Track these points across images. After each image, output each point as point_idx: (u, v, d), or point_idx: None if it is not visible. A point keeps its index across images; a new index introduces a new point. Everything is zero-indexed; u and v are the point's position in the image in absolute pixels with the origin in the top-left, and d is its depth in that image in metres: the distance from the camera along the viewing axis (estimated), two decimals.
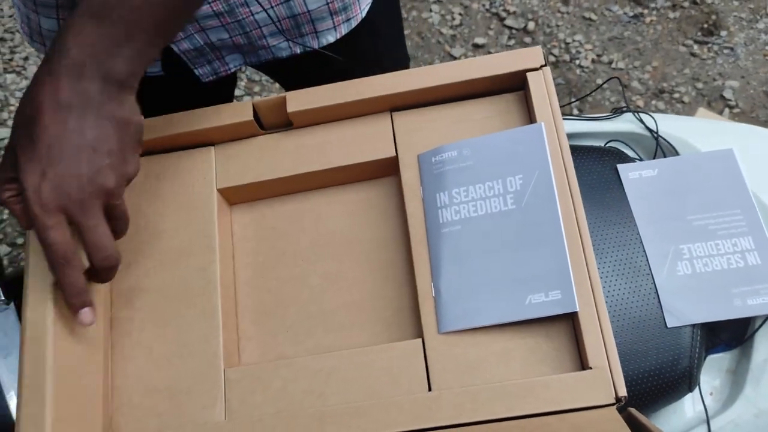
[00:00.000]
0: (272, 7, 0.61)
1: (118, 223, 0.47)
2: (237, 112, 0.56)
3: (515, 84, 0.57)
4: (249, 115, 0.56)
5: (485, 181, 0.53)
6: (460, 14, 1.77)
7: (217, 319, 0.53)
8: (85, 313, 0.47)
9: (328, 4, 0.64)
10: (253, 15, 0.62)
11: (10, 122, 1.56)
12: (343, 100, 0.56)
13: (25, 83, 1.61)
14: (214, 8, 0.60)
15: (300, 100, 0.57)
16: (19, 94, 1.60)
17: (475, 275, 0.51)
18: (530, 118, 0.57)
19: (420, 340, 0.52)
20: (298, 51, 0.67)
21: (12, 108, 1.58)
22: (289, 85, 0.76)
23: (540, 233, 0.51)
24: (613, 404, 0.47)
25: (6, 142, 1.51)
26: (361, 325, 0.55)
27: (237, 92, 1.68)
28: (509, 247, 0.51)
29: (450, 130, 0.57)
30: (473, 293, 0.51)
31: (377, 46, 0.73)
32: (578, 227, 0.51)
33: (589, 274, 0.50)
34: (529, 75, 0.55)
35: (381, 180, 0.60)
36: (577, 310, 0.50)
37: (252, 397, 0.50)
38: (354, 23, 0.67)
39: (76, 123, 0.42)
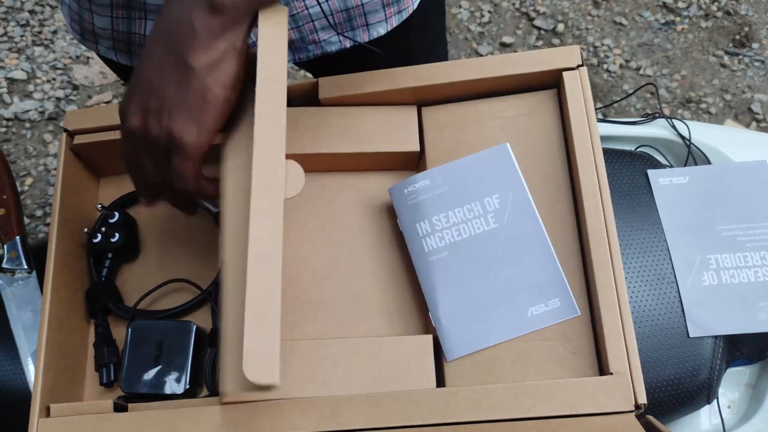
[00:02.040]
0: (327, 0, 0.61)
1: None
2: None
3: (548, 82, 0.57)
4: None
5: (464, 205, 0.53)
6: (489, 12, 1.76)
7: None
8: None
9: None
10: (307, 9, 0.61)
11: (36, 94, 1.57)
12: (374, 89, 0.56)
13: (52, 56, 1.62)
14: None
15: (332, 86, 0.56)
16: (46, 68, 1.61)
17: (471, 298, 0.51)
18: (563, 116, 0.56)
19: (431, 336, 0.51)
20: (348, 45, 0.66)
21: (39, 81, 1.59)
22: None
23: (527, 247, 0.52)
24: (632, 411, 0.47)
25: (31, 114, 1.52)
26: (362, 315, 0.55)
27: None
28: (500, 264, 0.51)
29: (480, 127, 0.57)
30: (474, 316, 0.51)
31: (425, 41, 0.72)
32: (607, 232, 0.51)
33: (615, 279, 0.49)
34: (565, 74, 0.55)
35: (400, 173, 0.59)
36: (578, 314, 0.50)
37: None
38: (405, 15, 0.67)
39: (151, 50, 0.41)
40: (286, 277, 0.55)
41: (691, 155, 0.72)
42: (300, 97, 0.58)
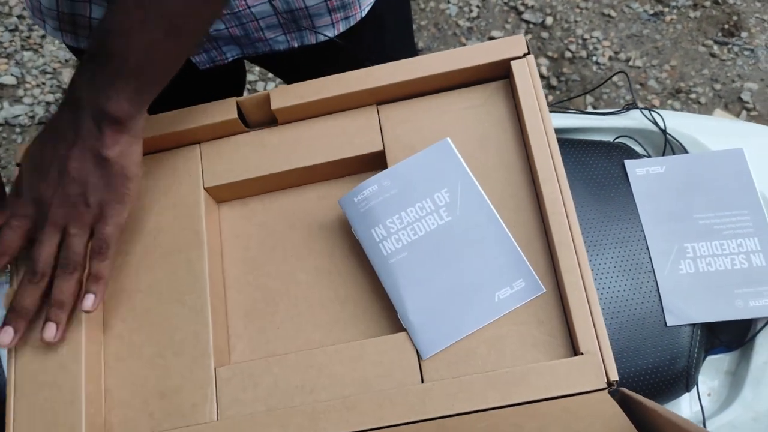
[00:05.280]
0: (269, 0, 0.61)
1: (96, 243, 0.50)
2: (221, 110, 0.56)
3: (499, 73, 0.57)
4: (233, 114, 0.56)
5: (415, 203, 0.53)
6: (477, 6, 1.76)
7: (207, 318, 0.53)
8: (49, 329, 0.50)
9: (326, 1, 0.63)
10: (249, 7, 0.61)
11: (26, 99, 1.57)
12: (327, 94, 0.56)
13: (41, 61, 1.63)
14: None
15: (284, 96, 0.56)
16: (36, 72, 1.61)
17: (438, 293, 0.52)
18: (515, 105, 0.56)
19: (406, 333, 0.52)
20: (296, 45, 0.66)
21: (28, 85, 1.60)
22: (290, 80, 0.76)
23: (484, 234, 0.52)
24: (604, 389, 0.47)
25: (21, 119, 1.53)
26: (350, 320, 0.55)
27: (251, 77, 1.68)
28: (460, 255, 0.52)
29: (435, 122, 0.57)
30: (443, 311, 0.51)
31: (383, 39, 0.72)
32: (566, 215, 0.51)
33: (578, 260, 0.50)
34: (513, 63, 0.55)
35: (369, 174, 0.59)
36: (543, 290, 0.51)
37: (243, 395, 0.51)
38: (353, 21, 0.67)
39: (64, 151, 0.47)
40: (277, 293, 0.56)
41: (668, 144, 0.72)
42: (253, 110, 0.58)
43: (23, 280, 0.50)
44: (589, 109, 1.65)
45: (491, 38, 1.70)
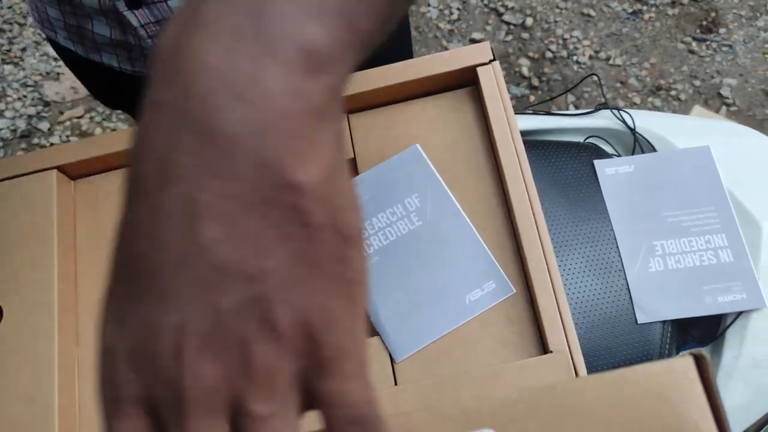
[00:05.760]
0: None
1: None
2: None
3: (465, 80, 0.58)
4: None
5: (386, 209, 0.54)
6: (458, 9, 1.77)
7: None
8: None
9: None
10: None
11: (7, 113, 1.57)
12: None
13: (22, 74, 1.62)
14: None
15: None
16: (17, 85, 1.61)
17: (409, 297, 0.52)
18: (483, 112, 0.57)
19: (378, 337, 0.52)
20: None
21: (9, 99, 1.59)
22: None
23: (454, 238, 0.53)
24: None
25: (3, 132, 1.52)
26: None
27: None
28: (431, 259, 0.53)
29: (405, 129, 0.58)
30: (414, 314, 0.52)
31: (383, 44, 0.72)
32: (534, 215, 0.52)
33: (546, 260, 0.51)
34: (478, 70, 0.57)
35: None
36: (513, 291, 0.51)
37: None
38: None
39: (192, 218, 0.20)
40: None
41: (637, 144, 0.73)
42: None
43: None
44: (571, 108, 1.66)
45: (472, 40, 1.71)
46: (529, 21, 1.72)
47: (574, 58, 1.67)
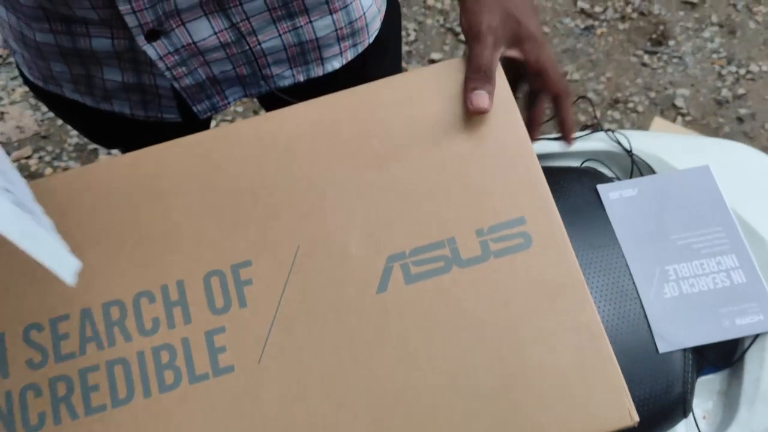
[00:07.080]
0: (280, 35, 0.59)
1: None
2: None
3: None
4: None
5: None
6: (414, 30, 1.75)
7: None
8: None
9: (336, 30, 0.61)
10: (260, 44, 0.59)
11: None
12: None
13: None
14: (221, 39, 0.57)
15: None
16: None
17: None
18: None
19: None
20: (302, 79, 0.63)
21: None
22: None
23: None
24: None
25: None
26: None
27: (240, 108, 1.64)
28: None
29: None
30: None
31: (383, 63, 0.70)
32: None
33: None
34: None
35: None
36: None
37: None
38: (361, 48, 0.65)
39: None
40: None
41: (635, 165, 0.72)
42: None
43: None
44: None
45: (431, 61, 1.70)
46: None
47: None
